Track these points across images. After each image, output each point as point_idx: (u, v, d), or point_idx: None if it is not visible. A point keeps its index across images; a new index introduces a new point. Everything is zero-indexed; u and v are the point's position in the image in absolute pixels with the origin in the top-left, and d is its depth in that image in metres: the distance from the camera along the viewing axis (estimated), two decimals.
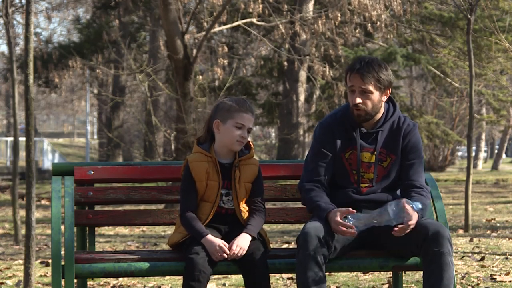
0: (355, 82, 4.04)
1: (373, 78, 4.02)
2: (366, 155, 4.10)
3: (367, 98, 4.04)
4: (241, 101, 4.09)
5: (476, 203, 14.34)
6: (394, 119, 4.14)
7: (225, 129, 4.05)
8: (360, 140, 4.10)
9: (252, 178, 4.11)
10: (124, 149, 26.23)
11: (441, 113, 31.46)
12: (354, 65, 4.06)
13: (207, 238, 3.90)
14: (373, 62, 4.05)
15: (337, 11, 14.70)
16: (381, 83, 4.05)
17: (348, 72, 4.09)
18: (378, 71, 4.04)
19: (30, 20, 5.78)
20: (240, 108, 4.05)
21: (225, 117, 4.05)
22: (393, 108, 4.16)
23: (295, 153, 20.25)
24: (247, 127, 4.05)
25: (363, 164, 4.10)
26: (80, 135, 57.80)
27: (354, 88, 4.05)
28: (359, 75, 4.02)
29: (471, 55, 9.85)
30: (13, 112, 9.67)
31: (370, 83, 4.03)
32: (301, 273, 3.81)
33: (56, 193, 4.15)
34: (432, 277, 3.84)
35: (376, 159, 4.09)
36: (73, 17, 26.52)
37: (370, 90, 4.03)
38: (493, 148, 50.80)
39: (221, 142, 4.08)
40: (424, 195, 4.06)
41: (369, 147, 4.10)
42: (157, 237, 10.21)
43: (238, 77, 20.84)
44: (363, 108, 4.04)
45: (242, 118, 4.04)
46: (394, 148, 4.11)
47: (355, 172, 4.09)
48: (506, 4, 17.33)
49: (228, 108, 4.05)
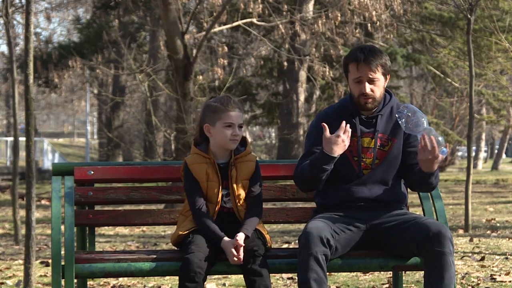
0: (363, 72, 4.03)
1: (379, 64, 4.04)
2: (366, 140, 4.10)
3: (375, 85, 4.05)
4: (225, 100, 4.08)
5: (476, 203, 14.33)
6: (392, 104, 4.16)
7: (216, 131, 4.05)
8: (361, 126, 4.10)
9: (250, 175, 4.11)
10: (124, 149, 26.22)
11: (441, 113, 31.46)
12: (357, 55, 4.05)
13: (225, 241, 3.92)
14: (375, 49, 4.08)
15: (337, 11, 14.70)
16: (385, 69, 4.09)
17: (351, 62, 4.06)
18: (381, 57, 4.07)
19: (30, 20, 5.78)
20: (226, 107, 4.05)
21: (213, 120, 4.05)
22: (389, 95, 4.19)
23: (295, 153, 20.24)
24: (237, 124, 4.05)
25: (364, 149, 4.10)
26: (80, 135, 57.79)
27: (362, 78, 4.04)
28: (367, 64, 4.02)
29: (471, 55, 9.85)
30: (13, 112, 9.67)
31: (377, 70, 4.04)
32: (302, 273, 3.81)
33: (56, 193, 4.15)
34: (433, 276, 3.84)
35: (375, 143, 4.08)
36: (73, 17, 26.52)
37: (378, 78, 4.05)
38: (493, 148, 50.79)
39: (216, 144, 4.09)
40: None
41: (369, 132, 4.10)
42: (157, 237, 10.21)
43: (238, 77, 20.84)
44: (372, 96, 4.05)
45: (229, 117, 4.04)
46: (394, 132, 4.12)
47: (356, 159, 4.09)
48: (506, 4, 17.33)
49: (214, 109, 4.05)
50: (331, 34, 15.88)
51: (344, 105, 4.15)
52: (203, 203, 4.03)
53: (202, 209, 4.02)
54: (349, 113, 4.11)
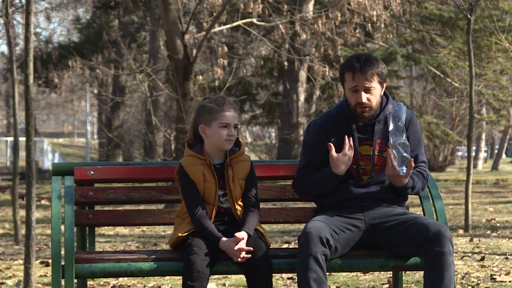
0: (359, 82, 4.03)
1: (375, 73, 4.03)
2: (365, 148, 4.10)
3: (371, 94, 4.05)
4: (220, 100, 4.07)
5: (476, 203, 14.33)
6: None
7: (212, 132, 4.05)
8: (358, 134, 4.09)
9: (245, 175, 4.11)
10: (124, 149, 26.22)
11: (441, 113, 31.45)
12: (353, 64, 4.03)
13: (223, 241, 3.93)
14: (371, 58, 4.06)
15: (337, 11, 14.70)
16: (381, 77, 4.07)
17: (347, 72, 4.06)
18: (377, 66, 4.05)
19: (30, 20, 5.78)
20: (221, 108, 4.04)
21: (208, 120, 4.05)
22: (386, 98, 4.17)
23: (295, 153, 20.24)
24: (232, 124, 4.05)
25: (363, 157, 4.09)
26: (80, 135, 57.76)
27: (359, 88, 4.03)
28: (362, 74, 4.01)
29: (471, 55, 9.85)
30: (13, 112, 9.67)
31: (373, 79, 4.03)
32: (302, 273, 3.81)
33: (56, 193, 4.15)
34: (433, 276, 3.84)
35: (374, 150, 4.09)
36: (73, 17, 26.52)
37: (374, 87, 4.04)
38: (493, 148, 50.77)
39: (211, 144, 4.09)
40: (424, 175, 4.15)
41: (366, 139, 4.10)
42: (157, 237, 10.21)
43: (238, 77, 20.84)
44: (369, 105, 4.05)
45: (225, 117, 4.04)
46: None
47: (355, 167, 4.09)
48: (506, 4, 17.32)
49: (209, 110, 4.05)
50: (331, 34, 15.88)
51: (341, 112, 4.14)
52: (201, 205, 4.04)
53: (200, 211, 4.02)
54: (346, 121, 4.11)
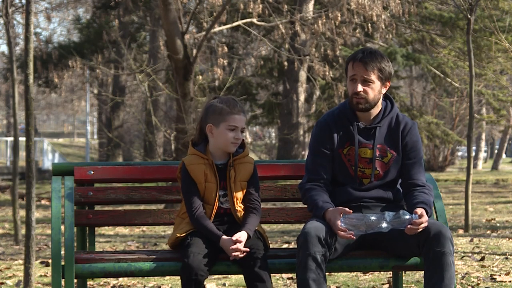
0: (357, 71, 4.04)
1: (375, 67, 4.04)
2: (365, 151, 4.10)
3: (369, 87, 4.04)
4: (231, 102, 4.07)
5: (476, 203, 14.33)
6: (392, 115, 4.14)
7: (219, 132, 4.04)
8: (359, 136, 4.10)
9: (248, 177, 4.11)
10: (124, 149, 26.22)
11: (441, 113, 31.46)
12: (357, 54, 4.07)
13: (224, 239, 3.93)
14: (376, 53, 4.08)
15: (337, 11, 14.69)
16: (383, 74, 4.07)
17: (350, 61, 4.08)
18: (380, 61, 4.06)
19: (30, 20, 5.78)
20: (232, 110, 4.04)
21: (217, 121, 4.04)
22: (390, 105, 4.17)
23: (295, 153, 20.24)
24: (240, 128, 4.05)
25: (363, 159, 4.10)
26: (80, 135, 57.77)
27: (356, 77, 4.05)
28: (362, 63, 4.02)
29: (471, 55, 9.85)
30: (13, 112, 9.67)
31: (373, 72, 4.03)
32: (301, 273, 3.81)
33: (56, 193, 4.15)
34: (433, 277, 3.84)
35: (374, 155, 4.09)
36: (73, 17, 26.49)
37: (372, 80, 4.04)
38: (493, 148, 50.80)
39: (216, 145, 4.08)
40: (427, 193, 4.04)
41: (368, 143, 4.10)
42: (157, 237, 10.21)
43: (238, 77, 20.83)
44: (364, 97, 4.04)
45: (234, 120, 4.03)
46: (394, 145, 4.12)
47: (354, 168, 4.09)
48: (506, 4, 17.33)
49: (220, 111, 4.04)
50: (331, 34, 15.88)
51: (343, 112, 4.15)
52: (200, 204, 4.03)
53: (199, 210, 4.02)
54: (348, 121, 4.12)
